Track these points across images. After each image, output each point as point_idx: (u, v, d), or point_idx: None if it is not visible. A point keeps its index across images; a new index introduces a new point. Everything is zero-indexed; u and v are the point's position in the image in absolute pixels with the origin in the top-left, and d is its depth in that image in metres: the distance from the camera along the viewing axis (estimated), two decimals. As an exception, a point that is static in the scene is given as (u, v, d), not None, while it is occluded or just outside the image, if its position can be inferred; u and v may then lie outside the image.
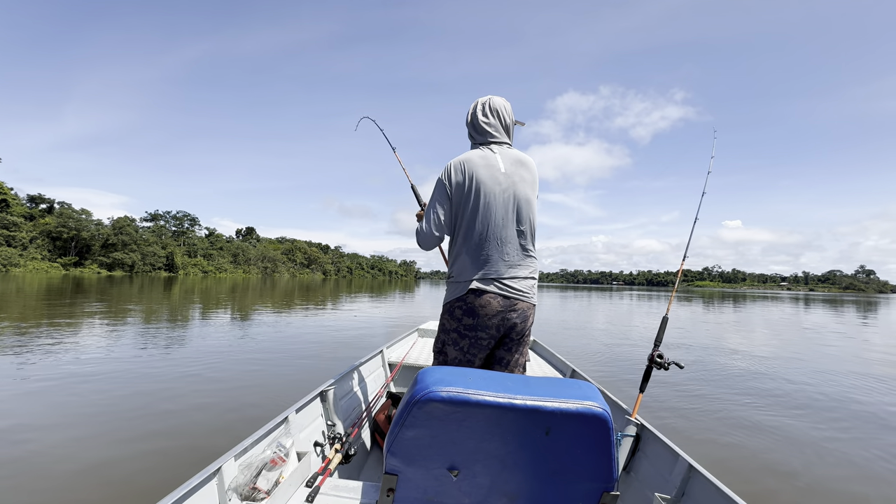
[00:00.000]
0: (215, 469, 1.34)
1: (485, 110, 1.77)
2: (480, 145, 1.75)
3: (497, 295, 1.60)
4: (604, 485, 0.96)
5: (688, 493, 1.58)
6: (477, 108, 1.79)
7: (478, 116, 1.77)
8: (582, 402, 0.90)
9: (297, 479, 1.53)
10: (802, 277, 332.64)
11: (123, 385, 4.53)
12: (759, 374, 6.38)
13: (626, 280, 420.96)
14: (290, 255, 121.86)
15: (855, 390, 5.58)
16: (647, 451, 1.91)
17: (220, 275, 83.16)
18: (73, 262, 66.08)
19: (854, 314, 23.30)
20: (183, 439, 3.20)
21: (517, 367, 1.72)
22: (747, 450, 3.48)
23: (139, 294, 19.21)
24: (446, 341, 1.68)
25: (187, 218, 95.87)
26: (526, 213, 1.68)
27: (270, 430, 1.65)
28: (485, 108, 1.77)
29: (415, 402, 0.89)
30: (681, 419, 4.14)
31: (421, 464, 0.96)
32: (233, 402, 4.11)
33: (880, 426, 4.20)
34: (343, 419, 2.17)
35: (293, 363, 5.91)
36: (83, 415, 3.66)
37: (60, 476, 2.62)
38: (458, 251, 1.69)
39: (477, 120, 1.77)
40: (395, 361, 3.32)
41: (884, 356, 8.66)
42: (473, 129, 1.80)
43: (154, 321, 9.79)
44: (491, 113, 1.76)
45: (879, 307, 34.59)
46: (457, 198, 1.68)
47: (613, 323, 13.64)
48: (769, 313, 21.45)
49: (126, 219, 77.90)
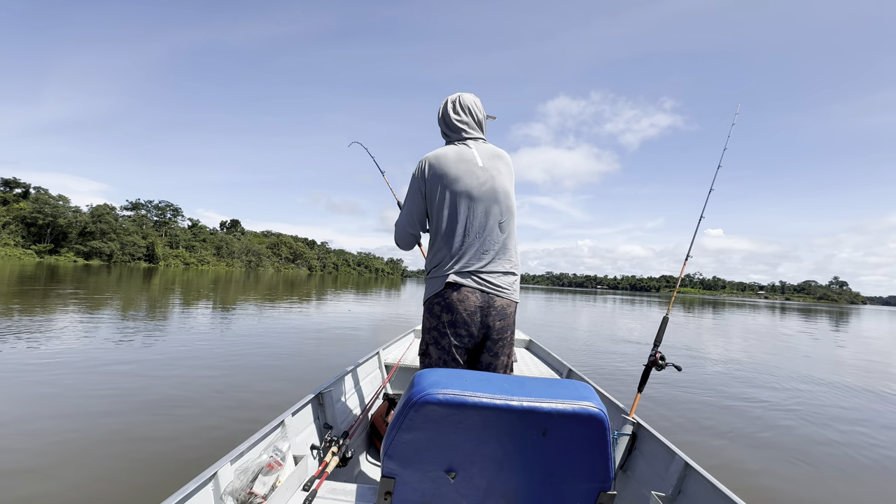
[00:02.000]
0: (211, 475, 1.29)
1: (455, 108, 1.75)
2: (455, 142, 1.73)
3: (475, 289, 1.57)
4: (600, 484, 0.96)
5: (684, 491, 1.60)
6: (448, 105, 1.77)
7: (449, 114, 1.76)
8: (578, 403, 0.90)
9: (293, 483, 1.49)
10: (779, 286, 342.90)
11: (97, 384, 4.36)
12: (744, 378, 6.51)
13: (610, 284, 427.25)
14: (275, 250, 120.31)
15: (833, 395, 5.74)
16: (644, 450, 1.93)
17: (202, 267, 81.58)
18: (49, 249, 64.00)
19: (827, 324, 24.08)
20: (172, 443, 3.00)
21: (503, 371, 1.67)
22: (738, 449, 3.55)
23: (116, 284, 18.68)
24: (429, 342, 1.64)
25: (170, 208, 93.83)
26: (505, 207, 1.65)
27: (266, 434, 1.61)
28: (455, 105, 1.76)
29: (411, 404, 0.89)
30: (672, 417, 4.20)
31: (418, 466, 0.95)
32: (222, 403, 4.00)
33: (868, 425, 4.33)
34: (340, 421, 2.13)
35: (286, 360, 5.81)
36: (51, 416, 3.44)
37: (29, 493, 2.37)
38: (436, 247, 1.66)
39: (449, 117, 1.75)
40: (391, 363, 3.28)
41: (856, 363, 8.95)
42: (446, 126, 1.77)
43: (132, 314, 9.52)
44: (462, 110, 1.75)
45: (850, 318, 35.81)
46: (431, 194, 1.66)
47: (597, 325, 13.81)
48: (750, 321, 22.01)
49: (105, 207, 75.84)
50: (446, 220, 1.63)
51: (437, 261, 1.65)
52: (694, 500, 1.54)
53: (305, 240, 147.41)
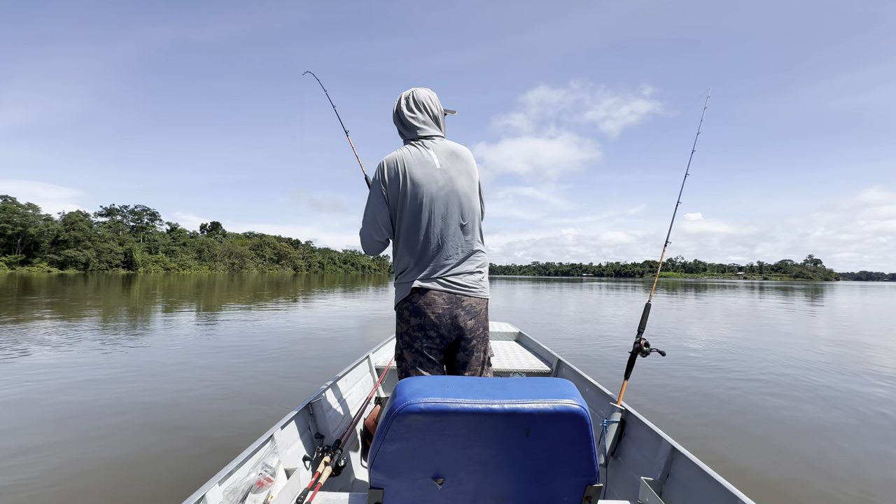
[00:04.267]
0: (199, 497, 1.26)
1: (409, 105, 1.69)
2: (412, 141, 1.68)
3: (442, 291, 1.56)
4: (587, 478, 0.98)
5: (672, 474, 1.65)
6: (401, 103, 1.71)
7: (404, 112, 1.69)
8: (559, 401, 0.91)
9: (286, 497, 1.46)
10: (757, 267, 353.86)
11: (79, 398, 4.24)
12: (726, 358, 6.70)
13: (595, 272, 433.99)
14: (258, 251, 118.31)
15: (813, 371, 5.96)
16: (633, 436, 1.97)
17: (183, 272, 79.74)
18: (20, 260, 61.69)
19: (802, 301, 24.94)
20: (161, 463, 2.89)
21: (480, 367, 1.67)
22: (723, 428, 3.65)
23: (94, 293, 18.12)
24: (402, 346, 1.63)
25: (146, 213, 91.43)
26: (467, 207, 1.63)
27: (255, 451, 1.58)
28: (409, 102, 1.69)
29: (394, 415, 0.89)
30: (660, 402, 4.29)
31: (405, 475, 0.95)
32: (217, 417, 3.93)
33: (848, 404, 4.50)
34: (332, 430, 2.11)
35: (287, 363, 5.73)
36: (32, 432, 3.36)
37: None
38: (401, 252, 1.64)
39: (403, 116, 1.69)
40: (381, 366, 3.24)
41: (830, 340, 9.30)
42: (402, 125, 1.72)
43: (111, 324, 9.25)
44: (417, 106, 1.68)
45: (825, 294, 37.15)
46: (392, 198, 1.61)
47: (584, 313, 14.00)
48: (730, 301, 22.64)
49: (78, 214, 73.34)
50: (408, 225, 1.60)
51: (403, 267, 1.63)
52: (682, 483, 1.59)
53: (289, 240, 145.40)
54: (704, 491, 1.47)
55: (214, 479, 1.35)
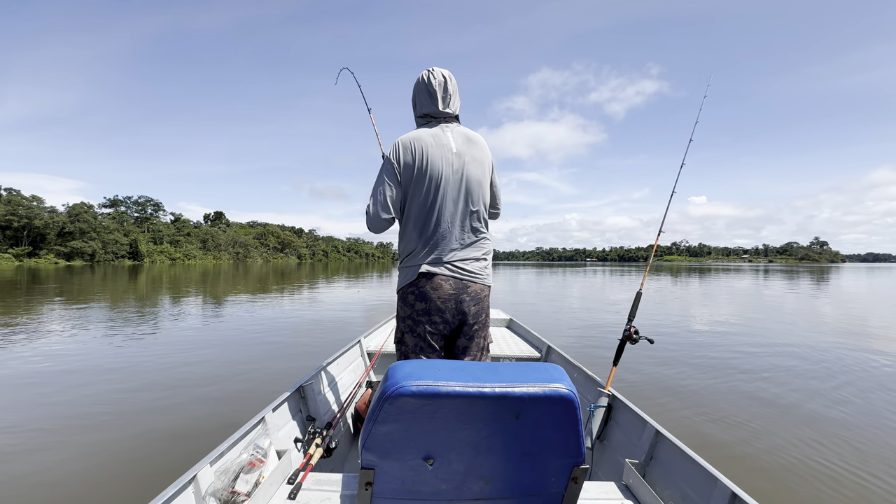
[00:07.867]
0: (190, 477, 1.30)
1: (430, 86, 1.66)
2: (429, 124, 1.67)
3: (449, 277, 1.56)
4: (574, 460, 1.01)
5: (655, 457, 1.70)
6: (421, 83, 1.68)
7: (424, 93, 1.67)
8: (548, 385, 0.93)
9: (277, 477, 1.50)
10: (763, 250, 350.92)
11: (86, 384, 4.34)
12: (717, 344, 6.73)
13: (599, 257, 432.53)
14: (262, 240, 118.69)
15: (811, 355, 5.98)
16: (619, 420, 2.03)
17: (188, 262, 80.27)
18: (27, 252, 62.20)
19: (808, 284, 24.81)
20: (156, 444, 2.98)
21: (480, 352, 1.68)
22: (708, 413, 3.69)
23: (101, 284, 18.33)
24: (404, 330, 1.64)
25: (150, 203, 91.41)
26: (478, 194, 1.63)
27: (247, 432, 1.61)
28: (430, 82, 1.66)
29: (386, 397, 0.90)
30: (648, 387, 4.33)
31: (396, 457, 0.97)
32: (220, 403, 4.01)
33: (834, 386, 4.53)
34: (323, 413, 2.15)
35: (297, 349, 5.81)
36: (35, 418, 3.46)
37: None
38: (408, 235, 1.63)
39: (424, 96, 1.67)
40: (373, 350, 3.29)
41: (833, 326, 9.29)
42: (422, 105, 1.69)
43: (121, 312, 9.39)
44: (438, 87, 1.65)
45: (830, 276, 36.93)
46: (406, 178, 1.60)
47: (585, 299, 14.04)
48: (734, 284, 22.55)
49: (83, 205, 73.53)
50: (419, 206, 1.60)
51: (409, 249, 1.62)
52: (665, 465, 1.64)
53: (293, 228, 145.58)
54: (686, 471, 1.51)
55: (206, 460, 1.39)
